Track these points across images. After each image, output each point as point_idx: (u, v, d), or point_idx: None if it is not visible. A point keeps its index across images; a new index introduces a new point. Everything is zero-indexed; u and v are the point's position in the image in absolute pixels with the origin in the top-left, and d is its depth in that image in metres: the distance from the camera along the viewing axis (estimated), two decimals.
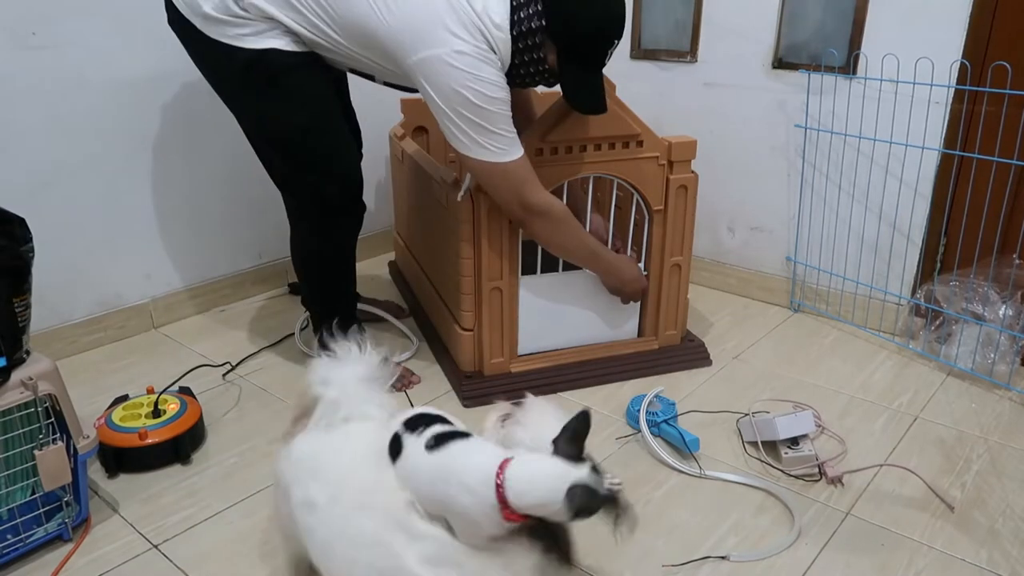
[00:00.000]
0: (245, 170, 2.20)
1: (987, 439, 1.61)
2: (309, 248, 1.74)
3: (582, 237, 1.65)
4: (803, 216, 2.14)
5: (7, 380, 1.19)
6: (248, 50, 1.45)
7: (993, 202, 1.81)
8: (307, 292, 1.89)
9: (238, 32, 1.45)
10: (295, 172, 1.63)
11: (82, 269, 1.95)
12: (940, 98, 1.84)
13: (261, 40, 1.45)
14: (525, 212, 1.54)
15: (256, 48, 1.45)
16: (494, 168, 1.47)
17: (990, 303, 1.81)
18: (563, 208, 1.58)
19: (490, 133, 1.42)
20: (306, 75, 1.51)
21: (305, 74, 1.51)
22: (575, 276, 1.76)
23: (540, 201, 1.53)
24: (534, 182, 1.52)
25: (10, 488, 1.27)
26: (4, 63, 1.72)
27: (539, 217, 1.55)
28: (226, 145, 2.14)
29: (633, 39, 2.30)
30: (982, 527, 1.35)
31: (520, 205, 1.53)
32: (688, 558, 1.28)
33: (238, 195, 2.22)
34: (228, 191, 2.20)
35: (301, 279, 1.85)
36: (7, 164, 1.77)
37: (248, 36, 1.45)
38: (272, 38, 1.45)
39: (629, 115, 1.65)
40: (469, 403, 1.72)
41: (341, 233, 1.72)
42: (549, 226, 1.58)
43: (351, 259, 1.80)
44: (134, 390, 1.70)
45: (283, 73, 1.48)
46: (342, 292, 1.82)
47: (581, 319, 1.82)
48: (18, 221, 1.23)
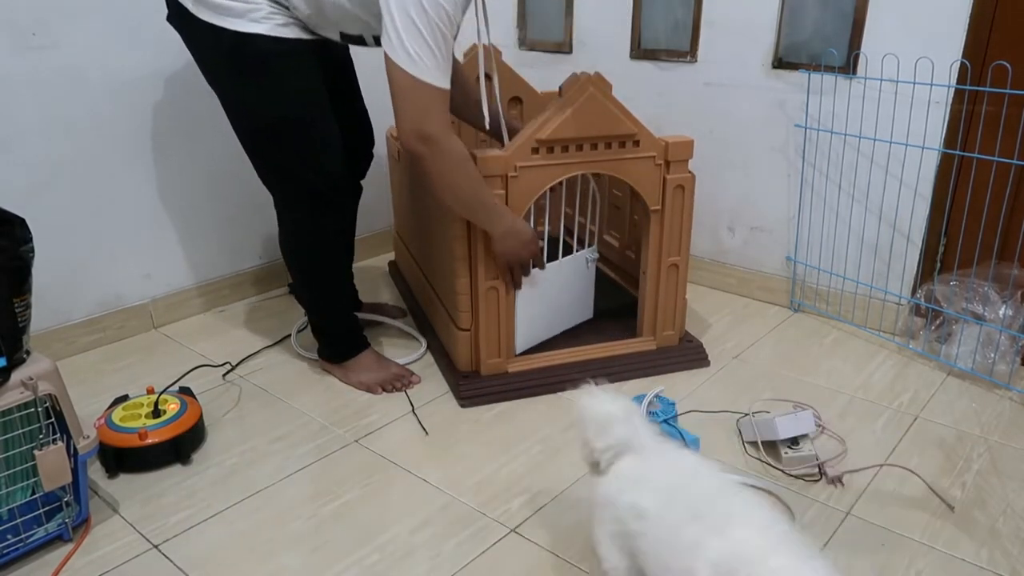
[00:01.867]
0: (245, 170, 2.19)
1: (987, 439, 1.61)
2: (297, 242, 1.72)
3: (477, 183, 1.53)
4: (803, 216, 2.14)
5: (7, 380, 1.19)
6: (234, 32, 1.44)
7: (993, 202, 1.81)
8: (299, 290, 1.87)
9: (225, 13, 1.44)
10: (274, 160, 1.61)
11: (82, 269, 1.95)
12: (940, 98, 1.84)
13: (248, 23, 1.44)
14: (419, 140, 1.43)
15: (242, 31, 1.44)
16: (409, 81, 1.38)
17: (990, 303, 1.81)
18: (462, 150, 1.48)
19: (423, 44, 1.36)
20: (292, 63, 1.50)
21: (292, 62, 1.50)
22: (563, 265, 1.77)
23: (438, 132, 1.43)
24: (441, 116, 1.43)
25: (10, 488, 1.27)
26: (4, 63, 1.72)
27: (433, 149, 1.44)
28: (226, 145, 2.14)
29: (633, 39, 2.30)
30: (982, 527, 1.35)
31: (416, 131, 1.42)
32: None
33: (238, 195, 2.23)
34: (228, 191, 2.20)
35: (293, 277, 1.83)
36: (7, 164, 1.77)
37: (234, 19, 1.44)
38: (258, 22, 1.44)
39: (626, 115, 1.64)
40: (466, 403, 1.72)
41: (326, 225, 1.68)
42: (441, 161, 1.46)
43: (342, 256, 1.77)
44: (134, 390, 1.70)
45: (268, 59, 1.47)
46: (335, 290, 1.80)
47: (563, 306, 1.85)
48: (18, 221, 1.23)
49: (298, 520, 1.38)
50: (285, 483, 1.48)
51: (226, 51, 1.47)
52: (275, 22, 1.45)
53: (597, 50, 2.36)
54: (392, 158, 2.29)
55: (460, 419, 1.68)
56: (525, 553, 1.30)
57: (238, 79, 1.51)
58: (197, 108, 2.06)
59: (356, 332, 1.82)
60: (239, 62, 1.48)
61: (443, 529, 1.35)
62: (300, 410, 1.71)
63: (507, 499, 1.43)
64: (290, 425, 1.66)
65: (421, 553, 1.29)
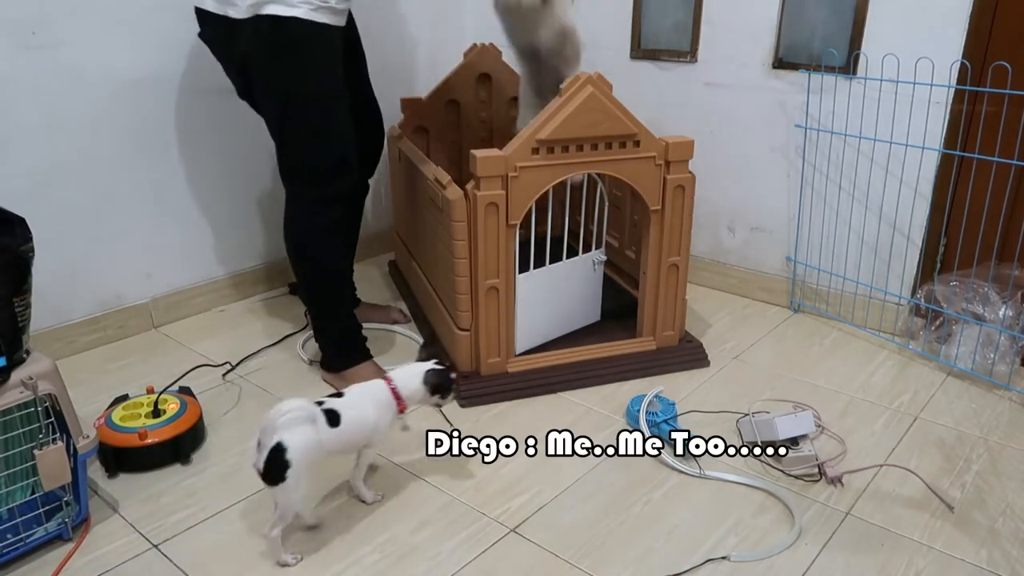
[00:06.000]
0: (245, 170, 2.21)
1: (987, 439, 1.61)
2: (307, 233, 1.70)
3: None
4: (803, 216, 2.14)
5: (7, 380, 1.19)
6: (271, 16, 1.51)
7: (993, 202, 1.80)
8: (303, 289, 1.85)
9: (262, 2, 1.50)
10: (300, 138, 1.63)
11: (82, 269, 1.95)
12: (940, 98, 1.84)
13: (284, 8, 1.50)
14: None
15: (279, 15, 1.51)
16: None
17: (990, 303, 1.81)
18: None
19: None
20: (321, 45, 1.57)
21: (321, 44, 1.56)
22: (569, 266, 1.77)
23: None
24: None
25: (10, 488, 1.27)
26: (4, 63, 1.72)
27: None
28: (226, 145, 2.14)
29: (633, 39, 2.30)
30: (982, 527, 1.35)
31: None
32: (688, 558, 1.28)
33: (238, 195, 2.23)
34: (228, 191, 2.20)
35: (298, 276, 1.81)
36: (7, 164, 1.77)
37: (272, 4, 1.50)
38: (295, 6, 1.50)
39: (626, 115, 1.64)
40: (466, 403, 1.72)
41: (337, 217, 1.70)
42: None
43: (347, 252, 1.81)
44: (134, 390, 1.70)
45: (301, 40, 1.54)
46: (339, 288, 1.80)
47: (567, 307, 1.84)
48: (18, 221, 1.23)
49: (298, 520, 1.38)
50: None
51: (263, 36, 1.53)
52: (310, 7, 1.51)
53: (597, 50, 2.36)
54: (392, 158, 2.29)
55: (460, 419, 1.68)
56: (525, 553, 1.30)
57: (273, 60, 1.56)
58: (197, 108, 2.05)
59: (358, 339, 1.81)
60: (274, 44, 1.54)
61: (443, 529, 1.35)
62: None
63: (507, 499, 1.43)
64: None
65: (421, 553, 1.29)
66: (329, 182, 1.65)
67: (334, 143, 1.64)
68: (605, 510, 1.40)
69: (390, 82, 2.30)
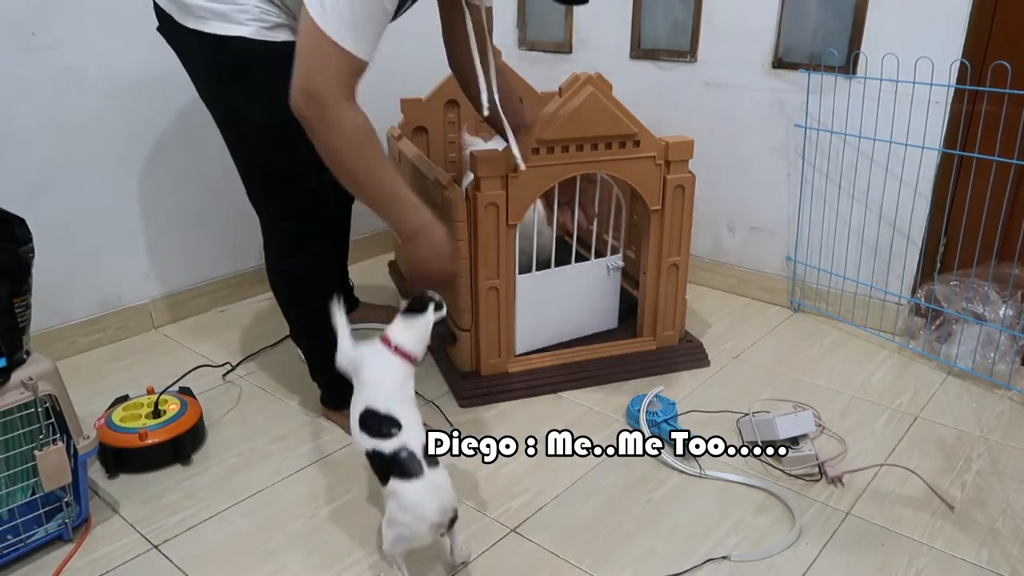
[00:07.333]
0: None
1: (987, 439, 1.61)
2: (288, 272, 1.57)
3: (374, 166, 1.29)
4: (803, 216, 2.14)
5: (7, 380, 1.19)
6: (213, 36, 1.35)
7: (993, 201, 1.80)
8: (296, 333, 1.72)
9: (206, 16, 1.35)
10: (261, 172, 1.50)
11: (82, 269, 1.95)
12: (940, 98, 1.84)
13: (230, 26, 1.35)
14: (306, 101, 1.22)
15: (222, 35, 1.35)
16: (313, 33, 1.20)
17: (990, 303, 1.81)
18: (360, 124, 1.24)
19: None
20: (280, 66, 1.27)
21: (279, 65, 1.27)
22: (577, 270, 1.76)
23: (329, 95, 1.21)
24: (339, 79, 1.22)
25: (10, 488, 1.27)
26: (4, 63, 1.72)
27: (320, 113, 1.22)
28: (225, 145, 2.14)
29: (633, 39, 2.30)
30: (982, 527, 1.35)
31: (305, 89, 1.21)
32: (688, 558, 1.28)
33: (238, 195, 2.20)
34: (228, 191, 2.20)
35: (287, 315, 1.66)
36: (7, 164, 1.77)
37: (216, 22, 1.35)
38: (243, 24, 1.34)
39: (626, 114, 1.64)
40: (466, 403, 1.72)
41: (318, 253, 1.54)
42: (327, 130, 1.23)
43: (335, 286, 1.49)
44: (134, 390, 1.70)
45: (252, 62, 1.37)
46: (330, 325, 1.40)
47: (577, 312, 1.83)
48: (18, 221, 1.23)
49: (298, 520, 1.38)
50: (285, 483, 1.48)
51: (207, 56, 1.38)
52: (262, 24, 1.36)
53: (597, 50, 2.36)
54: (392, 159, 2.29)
55: (460, 419, 1.68)
56: (525, 553, 1.30)
57: (220, 84, 1.43)
58: (197, 108, 2.04)
59: None
60: (220, 66, 1.38)
61: None
62: (300, 410, 1.71)
63: (507, 499, 1.43)
64: (290, 425, 1.66)
65: (421, 553, 1.29)
66: (303, 220, 1.49)
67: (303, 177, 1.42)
68: (605, 510, 1.40)
69: (390, 82, 2.30)
